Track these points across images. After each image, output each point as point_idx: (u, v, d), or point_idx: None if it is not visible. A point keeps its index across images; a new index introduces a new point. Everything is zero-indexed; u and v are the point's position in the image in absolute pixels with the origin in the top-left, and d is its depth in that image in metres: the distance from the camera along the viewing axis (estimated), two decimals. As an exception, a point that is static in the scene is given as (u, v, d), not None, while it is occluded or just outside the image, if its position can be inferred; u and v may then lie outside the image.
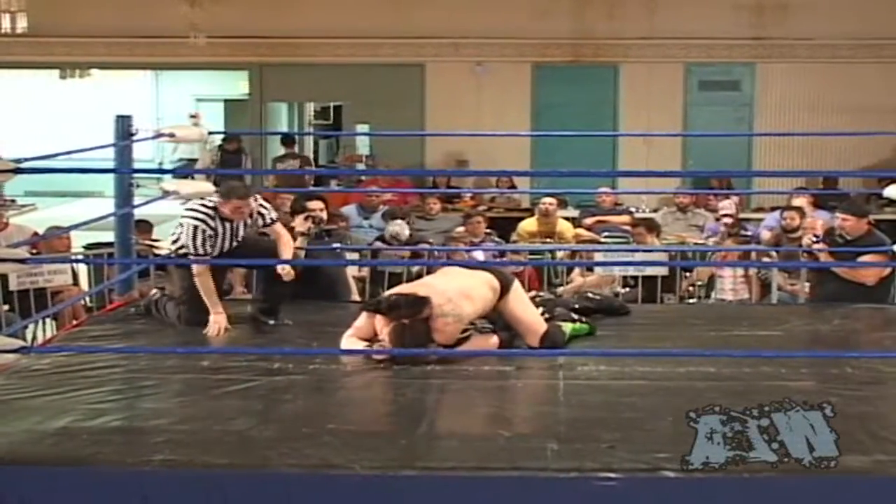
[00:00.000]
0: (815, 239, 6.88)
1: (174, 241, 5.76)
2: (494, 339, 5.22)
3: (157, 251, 5.99)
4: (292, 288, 5.80)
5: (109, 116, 6.56)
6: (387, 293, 5.14)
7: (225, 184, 5.76)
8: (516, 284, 5.36)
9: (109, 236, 6.83)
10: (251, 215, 5.72)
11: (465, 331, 5.09)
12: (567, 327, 5.45)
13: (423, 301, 4.92)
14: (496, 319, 5.31)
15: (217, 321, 5.56)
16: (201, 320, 5.64)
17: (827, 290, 6.63)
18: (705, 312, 6.82)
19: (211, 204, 5.62)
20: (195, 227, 5.53)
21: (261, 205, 5.74)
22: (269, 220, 5.82)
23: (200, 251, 5.52)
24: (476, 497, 3.65)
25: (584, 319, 5.61)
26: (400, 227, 8.58)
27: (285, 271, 5.64)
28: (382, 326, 5.01)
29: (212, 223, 5.57)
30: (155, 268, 7.14)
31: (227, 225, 5.64)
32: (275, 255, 5.75)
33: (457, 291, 5.04)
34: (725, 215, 9.48)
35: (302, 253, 6.33)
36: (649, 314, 6.31)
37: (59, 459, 3.76)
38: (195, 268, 5.53)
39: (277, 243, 5.80)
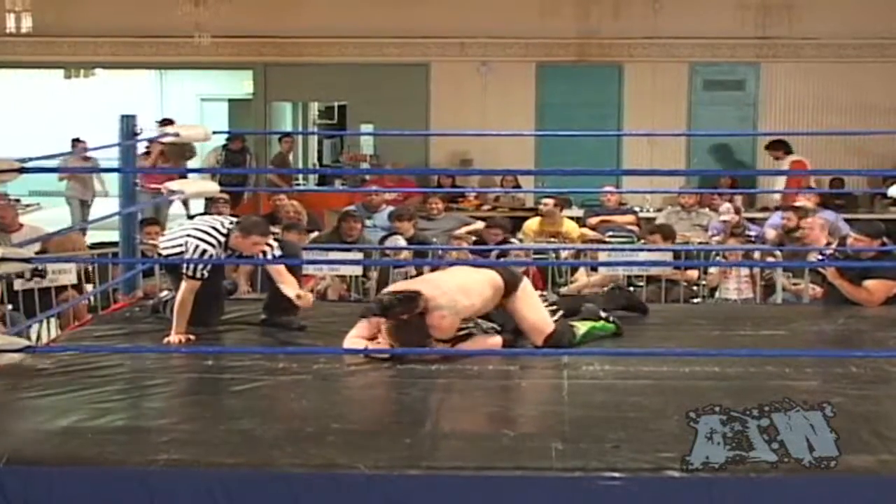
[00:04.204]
0: (820, 257, 6.88)
1: (168, 248, 5.70)
2: (498, 339, 5.21)
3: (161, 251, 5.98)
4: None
5: (114, 116, 6.57)
6: (380, 294, 5.14)
7: (248, 219, 5.68)
8: (525, 283, 5.34)
9: (113, 235, 6.84)
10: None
11: (464, 329, 5.09)
12: (585, 326, 5.43)
13: (415, 295, 4.93)
14: (505, 321, 5.30)
15: (177, 340, 5.43)
16: (206, 321, 5.63)
17: (839, 292, 6.62)
18: (710, 312, 6.81)
19: (224, 231, 5.56)
20: (203, 251, 5.48)
21: (267, 243, 5.66)
22: (271, 256, 5.70)
23: (198, 274, 5.47)
24: (480, 496, 3.65)
25: (611, 319, 5.59)
26: (394, 241, 8.56)
27: (302, 301, 5.57)
28: (381, 325, 5.01)
29: (219, 251, 5.53)
30: (160, 268, 7.14)
31: (231, 255, 5.62)
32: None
33: (453, 286, 5.05)
34: (724, 221, 9.47)
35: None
36: (654, 314, 6.31)
37: (64, 459, 3.76)
38: (186, 284, 5.46)
39: (277, 279, 5.70)
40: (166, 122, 12.94)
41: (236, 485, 3.65)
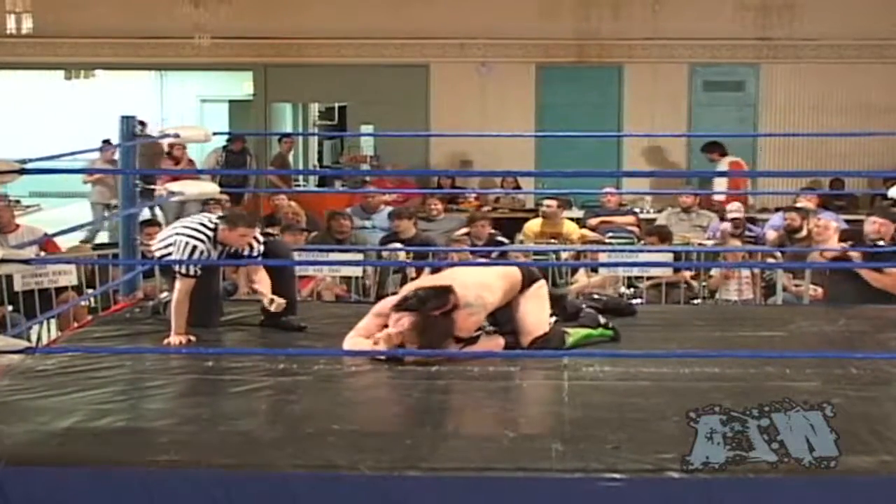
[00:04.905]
0: (849, 244, 6.89)
1: (160, 249, 5.70)
2: (500, 341, 5.20)
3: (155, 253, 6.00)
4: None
5: (114, 117, 6.57)
6: (409, 289, 5.11)
7: (232, 211, 5.73)
8: (539, 285, 5.30)
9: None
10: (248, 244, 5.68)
11: (479, 330, 5.08)
12: (579, 333, 5.40)
13: (448, 290, 4.91)
14: (504, 323, 5.29)
15: (177, 341, 5.41)
16: (206, 322, 5.64)
17: (840, 292, 6.63)
18: (710, 313, 6.81)
19: (211, 226, 5.58)
20: (194, 247, 5.48)
21: (254, 237, 5.70)
22: (255, 254, 5.72)
23: (191, 271, 5.46)
24: (481, 497, 3.65)
25: (610, 325, 5.55)
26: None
27: (274, 304, 5.62)
28: (398, 320, 4.97)
29: (208, 246, 5.53)
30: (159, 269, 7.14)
31: (219, 247, 5.59)
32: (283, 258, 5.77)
33: (475, 282, 5.04)
34: (734, 218, 9.49)
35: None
36: (654, 315, 6.31)
37: (65, 460, 3.76)
38: (180, 283, 5.46)
39: (253, 278, 5.78)
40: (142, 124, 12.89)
41: (237, 486, 3.65)
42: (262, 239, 5.76)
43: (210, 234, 5.55)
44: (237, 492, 3.64)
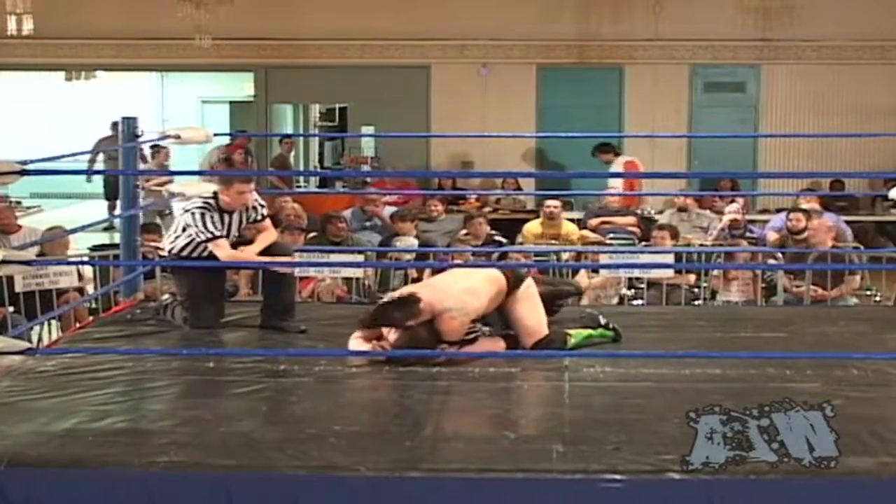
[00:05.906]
0: None
1: (172, 241, 5.75)
2: (501, 343, 5.20)
3: (162, 253, 6.02)
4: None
5: (115, 118, 6.57)
6: (378, 303, 5.13)
7: (223, 175, 5.83)
8: (528, 283, 5.30)
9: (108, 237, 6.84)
10: (252, 207, 5.77)
11: (471, 332, 5.08)
12: (581, 334, 5.41)
13: (412, 300, 4.91)
14: (494, 322, 5.28)
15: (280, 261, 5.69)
16: (206, 323, 5.65)
17: None
18: (711, 314, 6.81)
19: (209, 194, 5.68)
20: (202, 213, 5.59)
21: (256, 199, 5.79)
22: (260, 216, 5.85)
23: (217, 232, 5.59)
24: (481, 498, 3.65)
25: (611, 325, 5.56)
26: (403, 242, 8.57)
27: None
28: (388, 332, 5.00)
29: (216, 211, 5.64)
30: (161, 270, 7.14)
31: (226, 217, 5.67)
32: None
33: (459, 288, 5.03)
34: (732, 220, 9.48)
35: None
36: (655, 316, 6.31)
37: (65, 461, 3.76)
38: (214, 247, 5.58)
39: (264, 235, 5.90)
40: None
41: (237, 487, 3.66)
42: (263, 202, 5.88)
43: (212, 202, 5.65)
44: (237, 493, 3.64)
